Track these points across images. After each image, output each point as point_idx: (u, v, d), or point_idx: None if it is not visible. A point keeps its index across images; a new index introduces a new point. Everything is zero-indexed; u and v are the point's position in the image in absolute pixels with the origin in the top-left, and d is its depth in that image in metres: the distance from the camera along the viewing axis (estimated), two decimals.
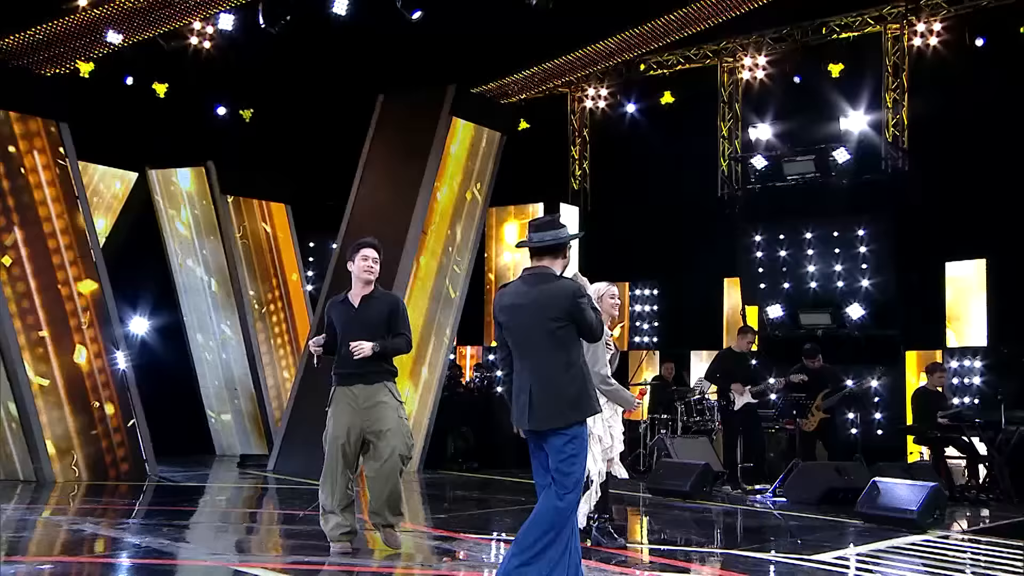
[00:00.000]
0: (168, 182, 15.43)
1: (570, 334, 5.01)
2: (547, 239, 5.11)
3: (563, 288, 5.01)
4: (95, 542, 7.20)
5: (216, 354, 15.49)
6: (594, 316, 5.06)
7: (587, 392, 5.02)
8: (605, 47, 14.86)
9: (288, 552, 7.02)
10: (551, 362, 4.98)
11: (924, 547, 7.60)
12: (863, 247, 13.77)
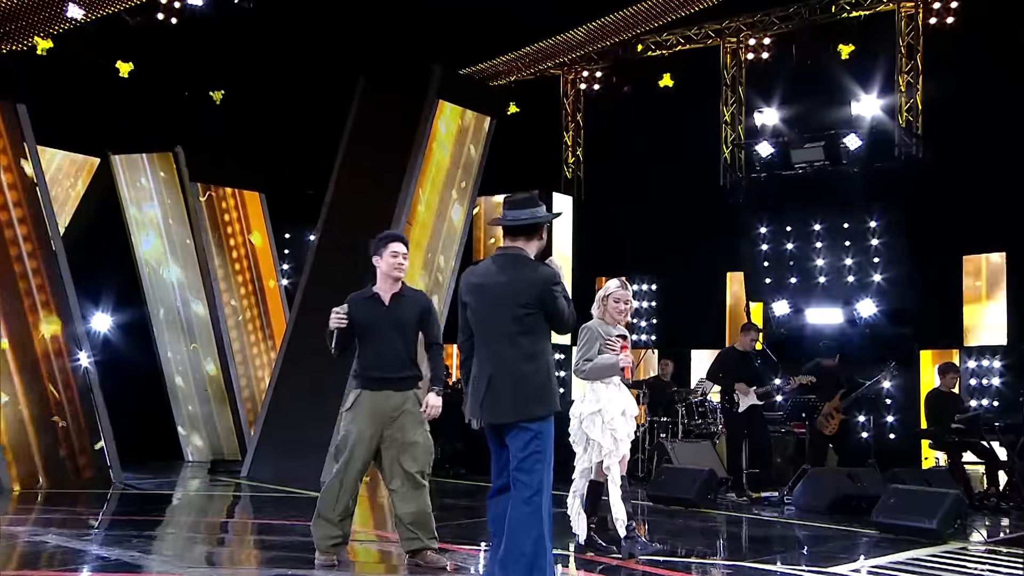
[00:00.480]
0: (133, 168, 15.32)
1: (538, 322, 4.95)
2: (523, 218, 5.06)
3: (537, 273, 4.96)
4: (58, 554, 7.12)
5: (184, 353, 15.39)
6: (567, 306, 4.99)
7: (551, 386, 4.95)
8: (601, 26, 14.84)
9: (265, 564, 6.97)
10: (515, 350, 4.91)
11: (945, 559, 7.56)
12: (875, 239, 13.80)
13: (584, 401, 7.14)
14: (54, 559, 6.97)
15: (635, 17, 14.62)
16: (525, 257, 5.04)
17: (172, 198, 15.17)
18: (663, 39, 16.38)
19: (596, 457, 7.02)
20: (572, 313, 5.06)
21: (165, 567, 6.52)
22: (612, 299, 7.18)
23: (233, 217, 15.46)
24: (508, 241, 5.10)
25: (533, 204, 5.15)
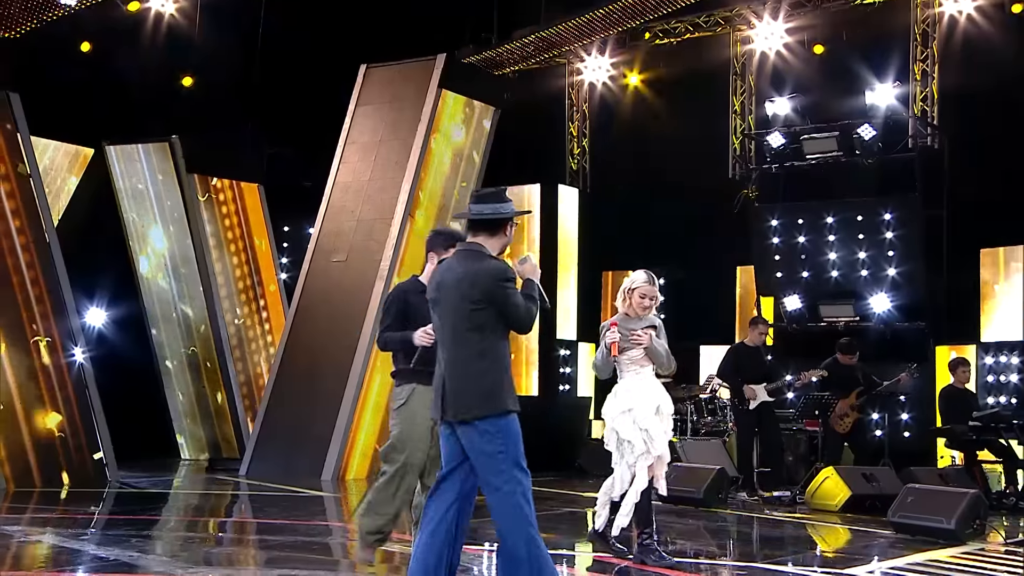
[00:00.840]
0: (128, 159, 15.34)
1: (488, 319, 4.92)
2: (485, 212, 5.05)
3: (487, 268, 4.93)
4: (55, 554, 7.14)
5: (181, 349, 15.41)
6: (522, 303, 4.95)
7: (503, 385, 4.91)
8: (607, 13, 14.80)
9: (266, 564, 6.99)
10: (466, 348, 4.92)
11: (963, 560, 7.54)
12: (889, 232, 13.73)
13: (616, 398, 7.03)
14: (52, 559, 6.98)
15: (643, 4, 14.59)
16: (480, 252, 5.02)
17: (168, 189, 15.19)
18: (671, 26, 16.33)
19: (631, 458, 6.90)
20: (529, 309, 5.00)
21: (165, 567, 6.52)
22: (638, 294, 7.01)
23: (231, 209, 15.49)
24: (470, 236, 5.11)
25: (497, 199, 5.11)
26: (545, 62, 16.97)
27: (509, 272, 4.97)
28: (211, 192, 15.25)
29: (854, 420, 11.37)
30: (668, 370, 7.08)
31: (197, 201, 15.02)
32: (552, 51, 16.31)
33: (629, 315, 7.03)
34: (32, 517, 9.19)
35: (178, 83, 16.00)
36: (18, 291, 11.41)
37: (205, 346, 15.22)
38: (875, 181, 13.93)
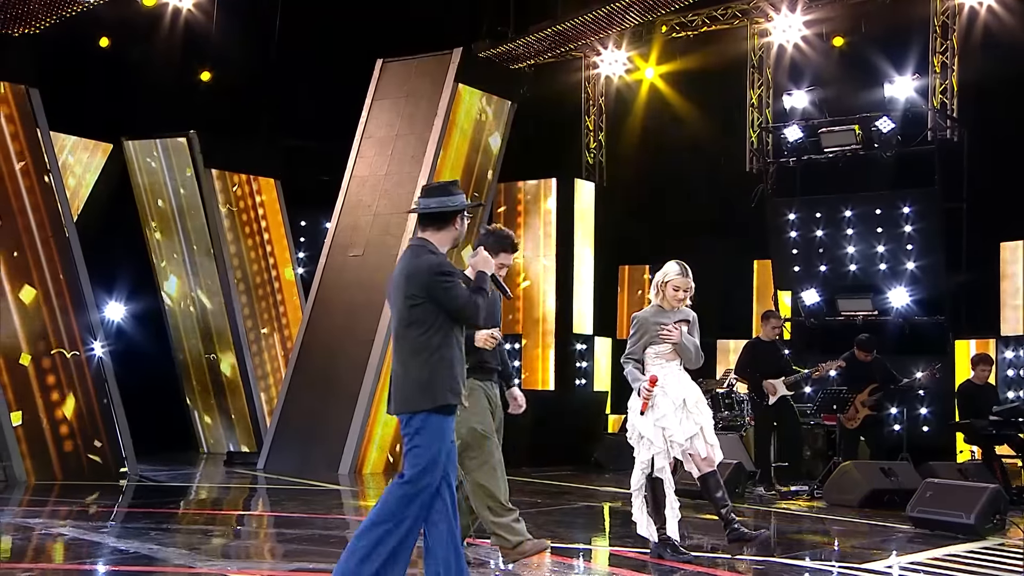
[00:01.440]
0: (147, 154, 15.40)
1: (426, 313, 4.96)
2: (431, 206, 5.07)
3: (423, 263, 4.97)
4: (75, 547, 7.18)
5: (199, 343, 15.48)
6: (462, 295, 4.98)
7: (440, 380, 4.94)
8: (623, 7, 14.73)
9: (284, 557, 7.02)
10: (403, 343, 4.98)
11: (983, 556, 7.50)
12: (908, 226, 13.71)
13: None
14: (72, 552, 7.02)
15: None
16: (422, 247, 5.06)
17: (185, 184, 15.25)
18: (688, 19, 16.26)
19: (646, 455, 6.88)
20: (471, 300, 5.02)
21: (183, 560, 6.55)
22: (671, 286, 6.95)
23: (248, 204, 15.53)
24: (419, 231, 5.14)
25: (443, 192, 5.15)
26: (561, 56, 16.90)
27: (444, 266, 5.00)
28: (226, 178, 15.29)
29: (864, 416, 11.32)
30: (695, 365, 7.05)
31: (215, 196, 15.07)
32: (568, 45, 16.22)
33: (664, 308, 6.98)
34: (52, 510, 9.30)
35: (196, 78, 16.06)
36: (38, 286, 11.49)
37: (223, 340, 15.28)
38: (893, 174, 13.90)
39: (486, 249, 6.27)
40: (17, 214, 11.46)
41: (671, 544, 6.93)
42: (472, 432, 6.16)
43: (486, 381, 6.35)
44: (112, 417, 11.89)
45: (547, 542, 6.42)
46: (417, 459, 4.91)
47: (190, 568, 6.31)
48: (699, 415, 6.92)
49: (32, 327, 11.39)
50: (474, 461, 6.19)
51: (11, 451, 11.01)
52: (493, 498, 6.18)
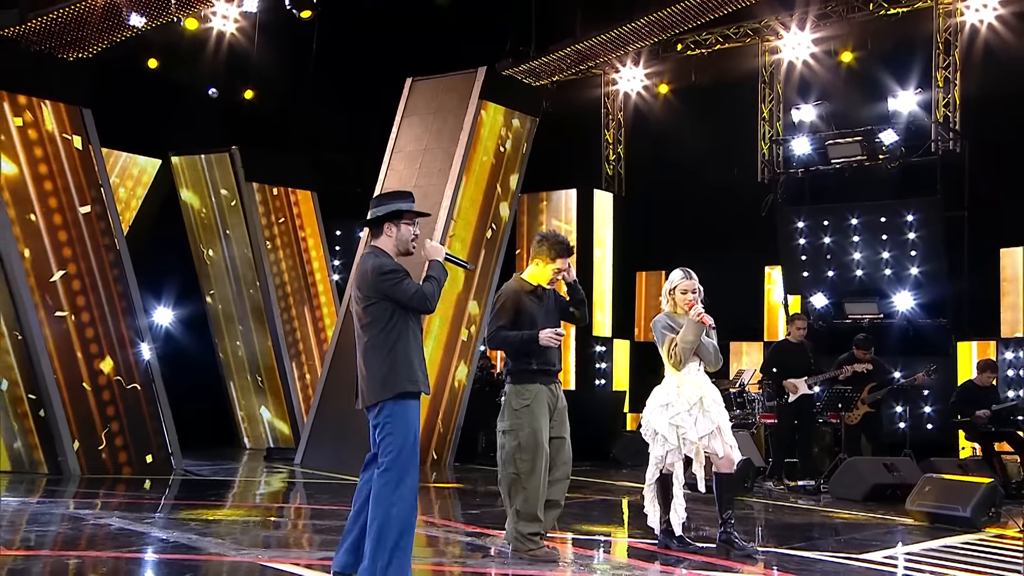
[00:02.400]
0: (192, 169, 15.52)
1: (381, 311, 5.12)
2: (370, 215, 5.34)
3: (370, 266, 5.16)
4: (121, 536, 7.24)
5: (241, 345, 15.60)
6: (411, 288, 5.13)
7: (398, 371, 5.09)
8: (640, 26, 14.74)
9: (316, 548, 7.04)
10: (364, 341, 5.15)
11: (979, 547, 7.50)
12: (912, 233, 13.62)
13: (658, 392, 6.96)
14: (115, 541, 7.07)
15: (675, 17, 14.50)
16: (372, 253, 5.27)
17: (228, 197, 15.34)
18: (702, 38, 16.26)
19: (660, 451, 6.85)
20: (421, 290, 5.18)
21: (218, 549, 6.60)
22: (679, 291, 6.89)
23: (287, 215, 15.61)
24: (370, 239, 5.41)
25: (379, 203, 5.38)
26: (581, 73, 16.94)
27: (387, 266, 5.16)
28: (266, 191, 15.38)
29: (863, 413, 11.28)
30: (715, 366, 7.00)
31: (255, 208, 15.17)
32: (588, 63, 16.27)
33: (677, 313, 6.91)
34: (101, 502, 9.37)
35: (238, 96, 16.18)
36: (91, 292, 11.55)
37: (263, 343, 15.35)
38: (897, 184, 13.80)
39: (540, 255, 6.33)
40: (71, 226, 11.52)
41: (678, 536, 6.96)
42: (530, 437, 6.18)
43: (549, 384, 6.36)
44: (159, 414, 11.95)
45: (558, 553, 6.40)
46: (390, 446, 5.06)
47: (223, 556, 6.36)
48: (716, 415, 6.85)
49: (84, 330, 11.45)
50: (525, 464, 6.19)
51: (65, 446, 11.08)
52: (528, 504, 6.17)
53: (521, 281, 6.50)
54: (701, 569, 6.35)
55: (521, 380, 6.29)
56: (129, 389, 11.72)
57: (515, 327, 6.33)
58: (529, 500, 6.16)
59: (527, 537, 6.18)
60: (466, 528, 7.92)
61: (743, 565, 6.47)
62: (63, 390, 11.17)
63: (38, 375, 11.05)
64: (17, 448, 11.41)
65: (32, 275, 11.10)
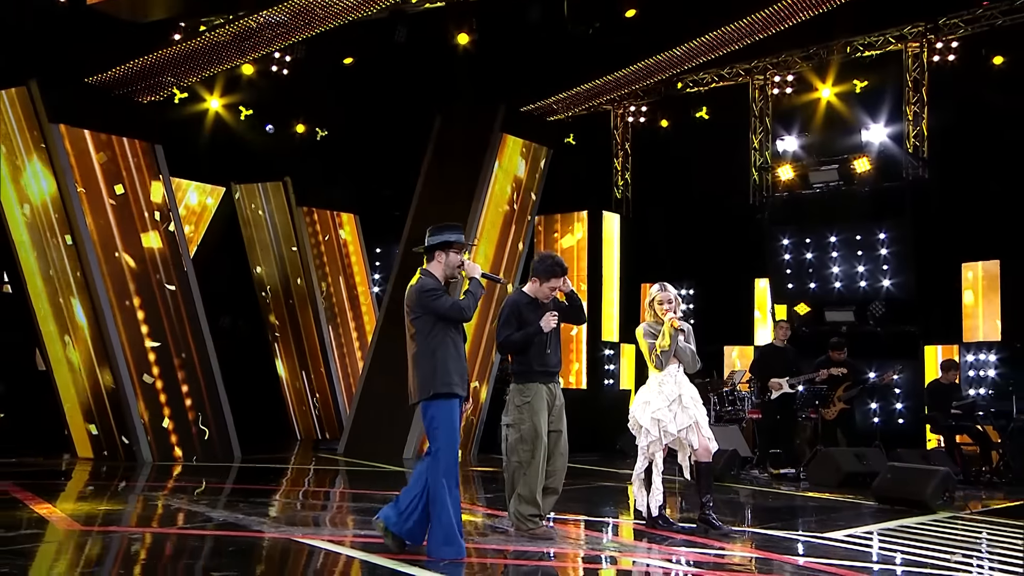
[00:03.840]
0: (250, 195, 15.71)
1: (424, 324, 5.40)
2: (430, 243, 5.58)
3: (416, 287, 5.44)
4: (176, 515, 7.36)
5: (295, 351, 15.73)
6: (448, 303, 5.37)
7: (437, 374, 5.35)
8: (643, 68, 14.74)
9: (346, 526, 7.09)
10: (412, 348, 5.42)
11: (933, 526, 7.50)
12: (884, 249, 13.60)
13: (642, 391, 7.04)
14: (172, 519, 7.19)
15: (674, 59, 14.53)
16: (422, 276, 5.52)
17: (281, 220, 15.52)
18: (699, 77, 16.30)
19: (644, 441, 6.91)
20: (455, 305, 5.42)
21: (258, 526, 6.66)
22: (656, 302, 7.02)
23: (332, 236, 15.77)
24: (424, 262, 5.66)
25: (432, 233, 5.62)
26: (593, 108, 16.96)
27: (427, 284, 5.42)
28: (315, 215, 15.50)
29: (839, 410, 11.26)
30: (693, 369, 7.05)
31: (305, 230, 15.33)
32: (598, 99, 16.33)
33: (656, 322, 7.00)
34: (167, 485, 9.46)
35: (291, 130, 16.40)
36: (160, 304, 11.75)
37: (312, 348, 15.48)
38: (871, 206, 13.78)
39: (537, 275, 6.42)
40: (144, 246, 11.73)
41: (664, 516, 7.02)
42: (531, 430, 6.23)
43: (548, 383, 6.38)
44: (221, 409, 12.08)
45: (554, 531, 6.44)
46: (437, 440, 5.34)
47: (262, 533, 6.41)
48: (694, 410, 6.91)
49: (157, 337, 11.64)
50: (526, 454, 6.24)
51: (139, 436, 11.24)
52: (528, 489, 6.23)
53: (522, 294, 6.57)
54: (681, 546, 6.40)
55: (523, 380, 6.34)
56: (195, 388, 11.87)
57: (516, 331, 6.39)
58: (529, 485, 6.22)
59: (527, 518, 6.24)
60: (487, 511, 7.98)
61: (718, 542, 6.52)
62: (137, 389, 11.36)
63: (116, 376, 11.26)
64: (97, 437, 11.60)
65: (111, 291, 11.28)
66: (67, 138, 11.24)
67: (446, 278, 5.60)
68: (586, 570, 5.80)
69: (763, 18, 12.43)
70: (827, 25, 14.21)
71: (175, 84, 13.19)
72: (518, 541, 6.16)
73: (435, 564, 5.30)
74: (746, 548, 6.43)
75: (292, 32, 12.29)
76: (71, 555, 5.80)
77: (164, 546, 6.17)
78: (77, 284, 11.29)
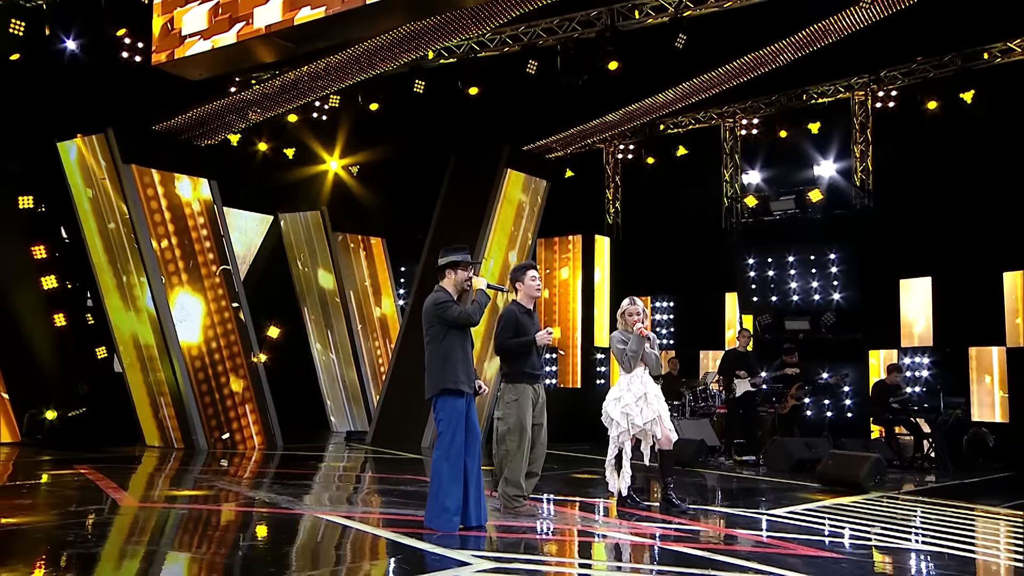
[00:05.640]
0: (294, 223, 15.89)
1: (437, 331, 5.55)
2: (442, 262, 5.74)
3: (430, 300, 5.61)
4: (218, 494, 7.44)
5: (331, 355, 15.88)
6: (457, 312, 5.51)
7: (444, 374, 5.53)
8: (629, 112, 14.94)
9: (361, 505, 7.17)
10: (427, 351, 5.62)
11: (863, 504, 7.61)
12: (834, 268, 13.70)
13: (616, 387, 7.08)
14: (213, 497, 7.25)
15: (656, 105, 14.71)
16: (436, 291, 5.69)
17: (319, 244, 15.68)
18: (678, 120, 16.42)
19: (614, 432, 6.99)
20: (463, 313, 5.57)
21: (287, 504, 6.74)
22: (627, 314, 7.10)
23: (362, 256, 15.93)
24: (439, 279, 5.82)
25: (443, 254, 5.76)
26: (587, 147, 17.14)
27: (439, 298, 5.58)
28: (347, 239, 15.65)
29: (791, 405, 11.37)
30: (656, 371, 7.10)
31: (338, 250, 15.48)
32: (591, 139, 16.48)
33: (626, 330, 7.11)
34: (215, 470, 9.52)
35: (327, 167, 16.62)
36: (214, 315, 11.94)
37: (346, 353, 15.60)
38: (823, 231, 13.87)
39: (518, 279, 6.53)
40: (201, 267, 11.98)
41: (632, 497, 7.15)
42: (517, 423, 6.28)
43: (533, 383, 6.39)
44: (266, 405, 12.19)
45: (536, 509, 6.52)
46: (444, 430, 5.48)
47: (290, 510, 6.48)
48: (657, 406, 6.97)
49: (211, 343, 11.84)
50: (513, 443, 6.29)
51: (196, 427, 11.45)
52: (513, 473, 6.30)
53: (516, 304, 6.67)
54: (644, 521, 6.49)
55: (512, 380, 6.41)
56: (244, 386, 12.05)
57: (515, 338, 6.51)
58: (514, 470, 6.32)
59: (513, 498, 6.35)
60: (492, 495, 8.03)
61: (676, 518, 6.62)
62: (195, 387, 11.55)
63: (177, 378, 11.48)
64: (162, 428, 11.83)
65: (172, 305, 11.51)
66: (137, 176, 11.51)
67: (458, 292, 5.74)
68: (562, 541, 5.88)
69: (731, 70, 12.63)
70: (786, 76, 14.35)
71: (229, 129, 13.49)
72: (505, 517, 6.27)
73: (431, 535, 5.41)
74: (699, 523, 6.54)
75: (328, 84, 12.57)
76: (129, 526, 5.96)
77: (207, 520, 6.28)
78: (145, 299, 11.53)
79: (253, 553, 5.21)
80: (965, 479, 9.94)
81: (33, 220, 12.87)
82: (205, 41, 8.35)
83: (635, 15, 11.77)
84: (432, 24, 10.56)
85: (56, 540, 5.35)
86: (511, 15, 10.51)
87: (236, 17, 7.91)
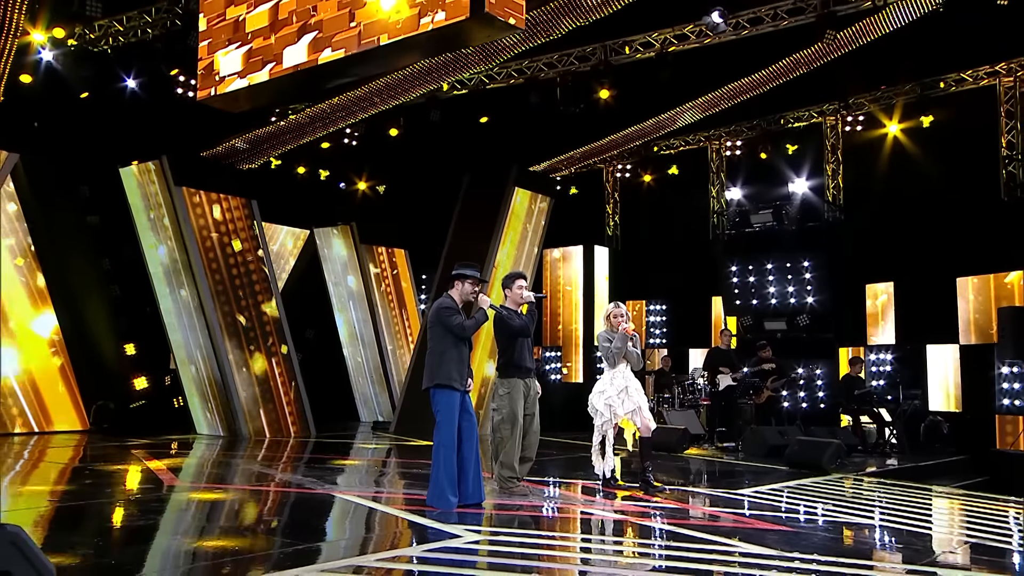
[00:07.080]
0: (326, 237, 16.05)
1: (439, 333, 5.65)
2: (452, 275, 5.87)
3: (437, 305, 5.72)
4: (252, 476, 7.55)
5: (360, 354, 15.95)
6: (455, 322, 5.58)
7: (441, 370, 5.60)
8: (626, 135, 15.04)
9: (378, 486, 7.30)
10: (428, 349, 5.69)
11: (825, 484, 7.67)
12: (808, 274, 13.69)
13: (601, 381, 7.16)
14: (250, 479, 7.39)
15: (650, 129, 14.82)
16: (443, 297, 5.83)
17: (349, 256, 15.80)
18: (671, 142, 16.50)
19: (599, 421, 7.07)
20: (459, 325, 5.63)
21: (312, 485, 6.86)
22: (612, 316, 7.18)
23: (387, 267, 16.07)
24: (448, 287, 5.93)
25: (461, 267, 5.89)
26: (588, 167, 17.25)
27: (445, 304, 5.66)
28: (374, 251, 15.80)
29: (767, 397, 11.42)
30: (637, 367, 7.18)
31: (367, 263, 15.63)
32: (591, 160, 16.60)
33: (611, 330, 7.22)
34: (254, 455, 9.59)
35: (356, 186, 16.79)
36: (256, 320, 12.08)
37: (374, 354, 15.65)
38: (798, 241, 13.88)
39: (508, 287, 6.59)
40: (243, 277, 12.15)
41: (614, 478, 7.26)
42: (511, 413, 6.35)
43: (525, 378, 6.42)
44: (301, 398, 12.27)
45: (528, 489, 6.59)
46: (440, 420, 5.57)
47: (312, 490, 6.59)
48: (637, 398, 7.05)
49: (251, 344, 11.97)
50: (506, 431, 6.36)
51: (239, 416, 11.57)
52: (507, 457, 6.38)
53: (503, 307, 6.76)
54: (626, 500, 6.59)
55: (505, 375, 6.48)
56: (283, 381, 12.15)
57: (509, 337, 6.55)
58: (508, 455, 6.42)
59: (507, 479, 6.46)
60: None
61: (653, 498, 6.71)
62: (238, 381, 11.71)
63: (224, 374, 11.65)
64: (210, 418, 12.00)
65: (219, 311, 11.70)
66: (187, 197, 11.77)
67: (463, 301, 5.89)
68: (552, 517, 5.95)
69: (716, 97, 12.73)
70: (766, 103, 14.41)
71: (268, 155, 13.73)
72: (500, 496, 6.40)
73: (432, 512, 5.54)
74: (673, 502, 6.63)
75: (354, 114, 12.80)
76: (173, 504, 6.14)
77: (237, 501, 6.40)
78: (195, 305, 11.75)
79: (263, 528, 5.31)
80: (921, 462, 9.96)
81: (99, 236, 13.15)
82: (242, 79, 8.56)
83: (626, 50, 11.92)
84: (444, 60, 10.75)
85: (116, 516, 5.51)
86: (515, 52, 10.70)
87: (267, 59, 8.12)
